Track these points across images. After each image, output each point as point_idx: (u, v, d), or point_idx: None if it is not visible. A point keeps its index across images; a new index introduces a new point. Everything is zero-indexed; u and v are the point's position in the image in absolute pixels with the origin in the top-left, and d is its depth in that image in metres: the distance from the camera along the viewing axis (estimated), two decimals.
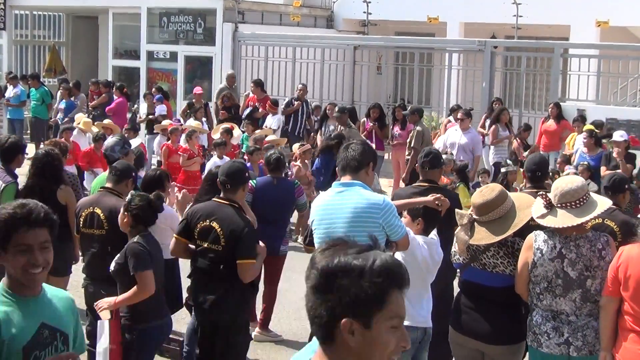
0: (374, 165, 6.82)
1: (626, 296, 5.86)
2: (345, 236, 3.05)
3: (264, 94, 20.02)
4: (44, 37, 29.19)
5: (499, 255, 6.51)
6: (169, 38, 23.87)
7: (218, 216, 7.36)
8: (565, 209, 6.19)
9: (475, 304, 6.65)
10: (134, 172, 8.14)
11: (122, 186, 7.97)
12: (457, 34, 25.00)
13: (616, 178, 8.20)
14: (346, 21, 26.92)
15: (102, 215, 7.72)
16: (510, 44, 22.28)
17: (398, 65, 22.94)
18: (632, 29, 23.95)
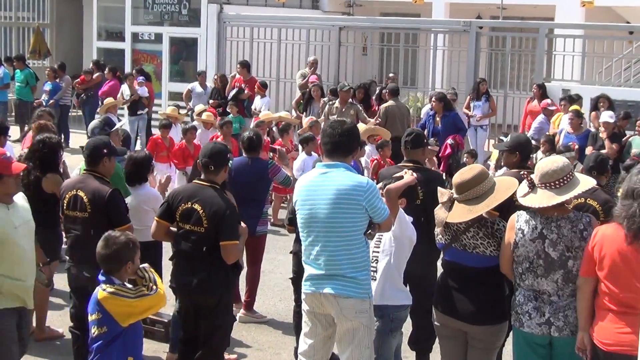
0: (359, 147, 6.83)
1: (601, 276, 5.87)
2: None
3: (250, 75, 19.97)
4: (28, 19, 29.04)
5: (479, 236, 6.53)
6: (154, 19, 23.76)
7: (200, 198, 7.35)
8: (547, 188, 6.20)
9: (457, 284, 6.67)
10: (105, 148, 8.04)
11: (100, 167, 7.93)
12: (442, 15, 25.00)
13: (602, 157, 8.23)
14: (331, 2, 26.87)
15: (85, 198, 7.69)
16: (495, 25, 22.30)
17: (383, 46, 22.93)
18: (617, 8, 23.98)
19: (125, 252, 6.11)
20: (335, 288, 6.33)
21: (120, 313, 5.98)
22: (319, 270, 6.40)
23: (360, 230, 6.38)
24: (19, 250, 6.67)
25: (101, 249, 6.17)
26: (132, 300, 5.98)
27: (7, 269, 6.58)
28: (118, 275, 6.08)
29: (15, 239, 6.62)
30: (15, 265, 6.64)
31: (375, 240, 7.09)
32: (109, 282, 6.05)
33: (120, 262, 6.10)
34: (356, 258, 6.36)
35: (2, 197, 6.61)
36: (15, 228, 6.62)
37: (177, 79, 23.56)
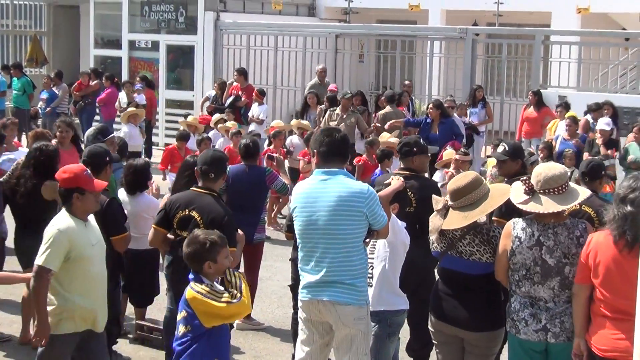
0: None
1: (596, 283, 5.90)
2: None
3: (247, 82, 19.99)
4: (25, 27, 29.06)
5: (475, 243, 6.55)
6: (151, 27, 23.78)
7: (197, 205, 7.37)
8: (549, 195, 6.21)
9: (453, 291, 6.69)
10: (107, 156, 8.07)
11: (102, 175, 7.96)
12: (438, 22, 25.03)
13: (594, 164, 8.25)
14: (328, 9, 26.89)
15: None
16: (491, 31, 22.32)
17: (380, 53, 22.96)
18: (613, 15, 24.03)
19: (202, 251, 6.06)
20: (334, 295, 6.34)
21: (205, 314, 5.97)
22: (316, 277, 6.40)
23: (360, 237, 6.40)
24: (93, 269, 6.64)
25: (184, 247, 6.19)
26: (216, 304, 5.94)
27: (81, 289, 6.53)
28: (204, 275, 6.07)
29: (91, 257, 6.60)
30: (88, 284, 6.60)
31: (369, 246, 7.11)
32: (197, 281, 6.07)
33: (198, 261, 6.07)
34: (355, 265, 6.37)
35: (82, 213, 6.60)
36: (92, 246, 6.61)
37: (174, 87, 23.58)
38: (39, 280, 6.37)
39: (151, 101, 20.52)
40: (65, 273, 6.43)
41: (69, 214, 6.54)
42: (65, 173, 6.65)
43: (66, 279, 6.45)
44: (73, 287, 6.48)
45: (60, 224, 6.47)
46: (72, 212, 6.55)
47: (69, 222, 6.47)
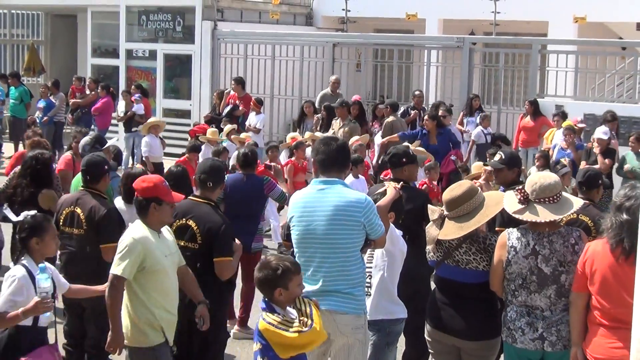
0: None
1: (593, 291, 5.91)
2: None
3: (244, 92, 20.00)
4: (22, 36, 29.05)
5: (471, 251, 6.56)
6: (148, 36, 23.80)
7: (195, 214, 7.37)
8: (543, 204, 6.23)
9: (450, 300, 6.69)
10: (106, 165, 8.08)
11: (101, 184, 7.98)
12: (435, 31, 25.04)
13: (590, 173, 8.26)
14: (325, 18, 26.91)
15: (81, 215, 7.73)
16: (488, 40, 22.35)
17: (377, 62, 22.96)
18: (610, 24, 24.04)
19: (273, 277, 5.77)
20: (332, 304, 6.33)
21: (279, 345, 5.75)
22: (314, 287, 6.39)
23: (357, 247, 6.39)
24: (167, 281, 6.65)
25: (255, 272, 5.94)
26: (288, 335, 5.69)
27: (158, 300, 6.56)
28: (275, 302, 5.82)
29: (166, 268, 6.61)
30: (165, 295, 6.62)
31: (367, 255, 7.10)
32: (269, 310, 5.81)
33: (269, 287, 5.79)
34: (352, 274, 6.37)
35: (157, 224, 6.62)
36: (165, 257, 6.62)
37: (171, 96, 23.59)
38: (113, 289, 6.44)
39: (147, 110, 20.52)
40: (142, 284, 6.48)
41: (144, 224, 6.57)
42: (144, 182, 6.67)
43: (144, 290, 6.50)
44: (152, 298, 6.52)
45: (135, 233, 6.50)
46: (147, 222, 6.58)
47: (144, 232, 6.52)
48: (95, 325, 7.71)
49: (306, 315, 5.77)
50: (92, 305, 7.47)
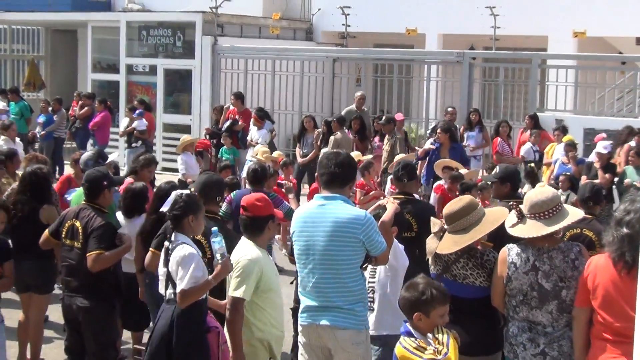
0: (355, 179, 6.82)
1: (595, 305, 5.89)
2: None
3: (244, 106, 20.00)
4: (22, 51, 29.13)
5: (469, 266, 6.55)
6: (149, 51, 23.85)
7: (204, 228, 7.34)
8: (536, 219, 6.24)
9: (450, 315, 6.67)
10: (105, 180, 8.08)
11: (100, 198, 7.97)
12: (435, 46, 25.10)
13: (597, 188, 8.26)
14: (325, 33, 26.98)
15: (80, 228, 7.72)
16: (488, 55, 22.36)
17: (377, 77, 22.98)
18: (609, 39, 24.10)
19: (417, 301, 5.56)
20: (332, 319, 6.31)
21: None
22: (315, 302, 6.38)
23: (357, 263, 6.36)
24: (278, 299, 6.79)
25: (402, 290, 5.78)
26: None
27: (269, 318, 6.70)
28: (413, 327, 5.62)
29: (277, 287, 6.76)
30: (275, 314, 6.75)
31: (370, 270, 7.08)
32: (407, 334, 5.63)
33: (410, 309, 5.60)
34: (353, 290, 6.34)
35: (265, 242, 6.74)
36: (275, 275, 6.77)
37: (171, 111, 23.60)
38: (234, 311, 6.53)
39: (150, 124, 20.51)
40: (255, 303, 6.59)
41: (254, 244, 6.66)
42: (260, 202, 6.76)
43: (257, 309, 6.62)
44: (264, 316, 6.66)
45: (249, 254, 6.59)
46: (258, 241, 6.69)
47: (257, 252, 6.62)
48: (95, 341, 7.69)
49: (442, 343, 5.59)
50: (87, 320, 7.46)
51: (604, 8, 23.26)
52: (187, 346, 6.54)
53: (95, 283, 7.57)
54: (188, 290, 6.42)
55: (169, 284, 6.61)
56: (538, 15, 23.57)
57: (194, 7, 24.33)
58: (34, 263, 8.64)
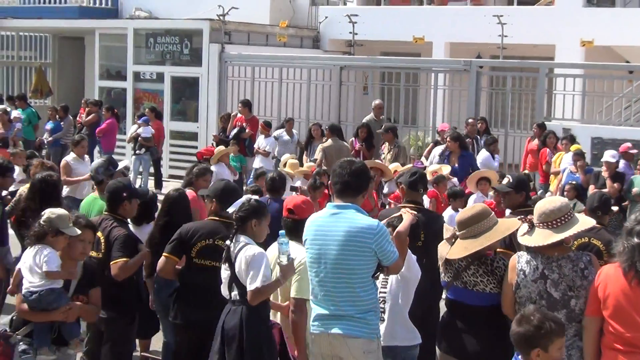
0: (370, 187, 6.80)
1: (606, 315, 5.89)
2: None
3: (251, 114, 20.02)
4: (30, 58, 29.21)
5: (479, 273, 6.56)
6: (156, 59, 23.88)
7: (224, 234, 7.32)
8: (545, 228, 6.24)
9: (460, 323, 6.68)
10: (125, 192, 8.09)
11: (120, 209, 7.97)
12: (442, 54, 25.09)
13: (605, 198, 8.25)
14: (332, 41, 26.99)
15: (102, 239, 7.73)
16: (495, 64, 22.34)
17: (384, 85, 22.96)
18: (617, 48, 24.08)
19: (534, 335, 5.25)
20: (344, 328, 6.30)
21: None
22: (326, 311, 6.38)
23: (368, 272, 6.33)
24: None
25: (513, 323, 5.49)
26: None
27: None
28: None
29: None
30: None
31: (381, 280, 7.08)
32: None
33: (527, 345, 5.30)
34: (364, 299, 6.32)
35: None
36: None
37: (178, 118, 23.62)
38: (299, 312, 6.70)
39: (159, 132, 20.54)
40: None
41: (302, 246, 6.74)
42: (305, 205, 7.05)
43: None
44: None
45: (301, 256, 6.71)
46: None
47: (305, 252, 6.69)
48: (111, 351, 7.68)
49: None
50: (110, 331, 7.45)
51: (611, 17, 23.28)
52: (258, 343, 6.69)
53: (118, 294, 7.58)
54: (261, 288, 6.56)
55: (233, 285, 6.76)
56: (545, 24, 23.58)
57: (201, 14, 24.39)
58: None
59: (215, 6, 23.18)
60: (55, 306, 6.64)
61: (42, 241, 6.75)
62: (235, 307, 6.75)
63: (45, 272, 6.61)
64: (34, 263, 6.66)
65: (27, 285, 6.68)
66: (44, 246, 6.72)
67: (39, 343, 6.64)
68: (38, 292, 6.61)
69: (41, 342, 6.65)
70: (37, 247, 6.73)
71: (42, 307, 6.62)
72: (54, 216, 6.80)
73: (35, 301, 6.61)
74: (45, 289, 6.61)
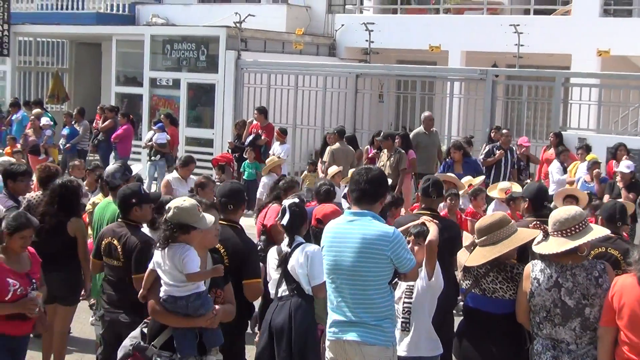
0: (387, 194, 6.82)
1: (621, 325, 5.88)
2: None
3: (267, 121, 20.06)
4: (47, 64, 29.33)
5: (498, 280, 6.57)
6: (172, 65, 23.93)
7: (221, 237, 7.35)
8: (559, 236, 6.24)
9: (477, 332, 6.69)
10: (134, 198, 8.10)
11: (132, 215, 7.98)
12: (458, 63, 25.07)
13: (622, 208, 8.23)
14: (348, 49, 27.01)
15: (118, 248, 7.73)
16: (511, 73, 22.34)
17: (400, 94, 22.98)
18: (633, 58, 24.02)
19: None
20: (359, 335, 6.30)
21: None
22: (342, 317, 6.38)
23: (385, 280, 6.34)
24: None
25: None
26: None
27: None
28: None
29: None
30: None
31: (405, 290, 7.10)
32: None
33: None
34: (380, 306, 6.32)
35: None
36: None
37: (194, 125, 23.67)
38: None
39: (174, 138, 20.60)
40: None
41: None
42: (333, 215, 7.37)
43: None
44: None
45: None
46: None
47: None
48: None
49: None
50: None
51: (628, 27, 23.24)
52: (305, 334, 7.07)
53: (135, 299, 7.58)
54: (324, 282, 6.70)
55: (283, 282, 7.05)
56: (562, 34, 23.54)
57: (218, 22, 24.47)
58: (60, 275, 8.65)
59: (232, 13, 23.25)
60: (202, 312, 6.24)
61: (174, 240, 6.21)
62: (283, 302, 7.06)
63: (188, 276, 6.16)
64: (172, 265, 6.18)
65: (168, 290, 6.24)
66: (181, 245, 6.20)
67: (185, 351, 6.21)
68: (184, 298, 6.19)
69: (187, 350, 6.21)
70: (174, 246, 6.19)
71: (189, 313, 6.21)
72: (181, 211, 6.20)
73: (182, 307, 6.19)
74: (192, 294, 6.21)
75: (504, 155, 17.41)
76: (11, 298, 7.06)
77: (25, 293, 7.12)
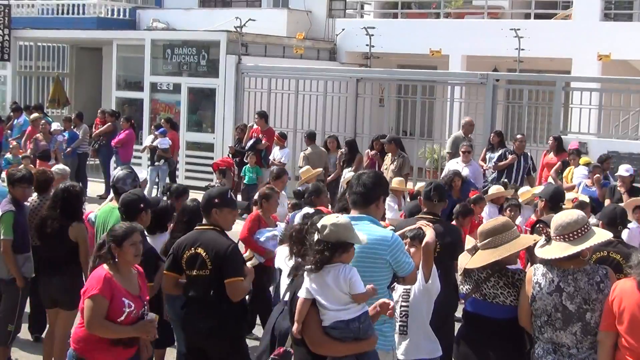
0: (385, 197, 6.76)
1: (621, 330, 5.88)
2: None
3: (267, 125, 20.06)
4: (47, 68, 29.34)
5: (499, 285, 6.57)
6: (173, 70, 23.94)
7: (202, 241, 7.34)
8: (561, 241, 6.23)
9: (477, 336, 6.69)
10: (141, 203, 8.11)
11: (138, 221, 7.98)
12: (459, 67, 25.08)
13: (623, 212, 8.23)
14: (349, 54, 27.03)
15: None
16: (512, 77, 22.32)
17: (400, 98, 22.94)
18: (634, 62, 24.04)
19: None
20: None
21: None
22: None
23: (384, 284, 6.31)
24: None
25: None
26: None
27: None
28: None
29: None
30: None
31: (402, 293, 7.08)
32: None
33: None
34: None
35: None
36: None
37: (194, 129, 23.68)
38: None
39: (174, 142, 20.62)
40: None
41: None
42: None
43: None
44: None
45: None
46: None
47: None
48: None
49: None
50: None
51: (628, 31, 23.27)
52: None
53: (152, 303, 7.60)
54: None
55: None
56: (562, 38, 23.56)
57: (218, 26, 24.48)
58: (62, 279, 8.65)
59: (232, 18, 23.26)
60: (371, 333, 5.80)
61: (329, 262, 5.63)
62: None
63: (356, 296, 5.66)
64: (336, 287, 5.62)
65: (335, 315, 5.64)
66: (337, 265, 5.65)
67: None
68: (356, 319, 5.66)
69: None
70: (328, 267, 5.64)
71: (359, 336, 5.71)
72: (339, 228, 5.69)
73: (355, 330, 5.67)
74: (362, 313, 5.72)
75: (516, 160, 17.28)
76: (124, 320, 6.65)
77: (137, 316, 6.72)
